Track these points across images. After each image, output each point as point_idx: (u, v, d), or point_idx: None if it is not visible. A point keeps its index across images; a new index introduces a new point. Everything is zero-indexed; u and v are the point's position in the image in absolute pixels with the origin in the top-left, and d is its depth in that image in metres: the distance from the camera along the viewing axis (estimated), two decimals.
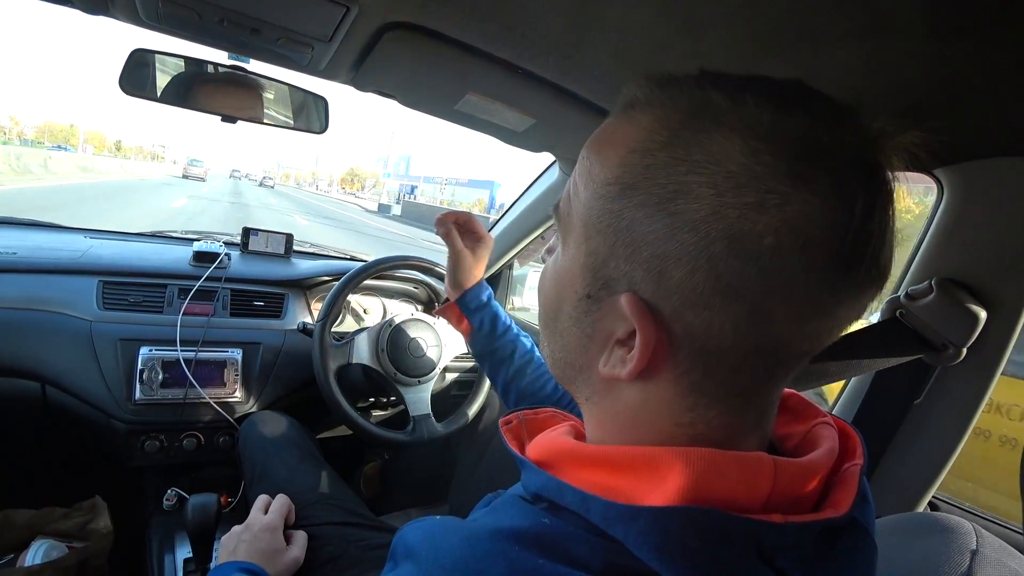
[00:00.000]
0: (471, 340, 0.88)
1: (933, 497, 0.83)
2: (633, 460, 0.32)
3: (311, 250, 1.72)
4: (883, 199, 0.29)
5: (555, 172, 1.27)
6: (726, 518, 0.28)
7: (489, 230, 1.57)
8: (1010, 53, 0.45)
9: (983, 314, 0.69)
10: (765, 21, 0.50)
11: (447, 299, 0.89)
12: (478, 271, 0.87)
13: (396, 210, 36.51)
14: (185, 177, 39.49)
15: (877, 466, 0.82)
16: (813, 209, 0.27)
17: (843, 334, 0.33)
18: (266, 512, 0.89)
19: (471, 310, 0.85)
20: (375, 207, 42.05)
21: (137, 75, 0.86)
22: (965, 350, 0.71)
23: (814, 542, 0.30)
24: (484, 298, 0.86)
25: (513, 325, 0.87)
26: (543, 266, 0.42)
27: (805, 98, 0.30)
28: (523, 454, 0.40)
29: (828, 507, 0.32)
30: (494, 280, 1.66)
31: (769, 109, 0.29)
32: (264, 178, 66.99)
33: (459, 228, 0.86)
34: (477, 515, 0.42)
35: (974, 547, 0.55)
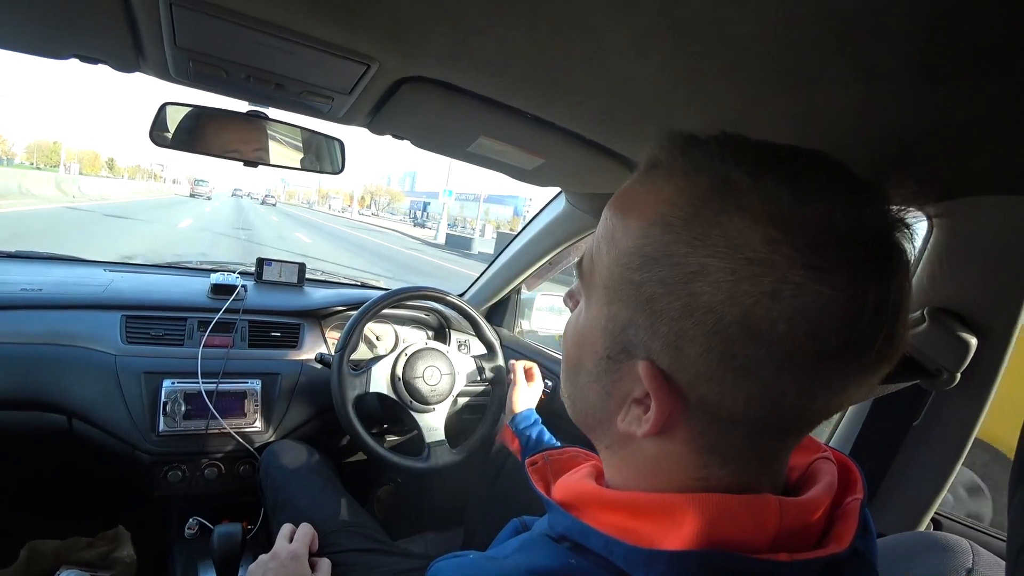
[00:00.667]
0: (521, 456, 1.04)
1: (936, 514, 0.86)
2: (651, 506, 0.34)
3: (323, 278, 1.76)
4: (898, 278, 0.30)
5: (561, 202, 1.31)
6: (737, 559, 0.30)
7: (500, 252, 1.62)
8: (994, 98, 0.48)
9: (974, 341, 0.72)
10: (761, 69, 0.53)
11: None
12: (532, 402, 1.17)
13: (482, 246, 23.74)
14: (192, 196, 40.79)
15: (880, 487, 0.85)
16: (826, 300, 0.28)
17: None
18: (291, 541, 0.92)
19: (520, 430, 1.08)
20: (434, 238, 28.21)
21: (164, 126, 0.91)
22: (959, 375, 0.74)
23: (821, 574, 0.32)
24: (532, 420, 1.10)
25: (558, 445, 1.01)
26: (568, 314, 0.44)
27: (825, 178, 0.31)
28: (548, 494, 0.42)
29: (831, 542, 0.33)
30: (502, 304, 1.70)
31: (788, 192, 0.30)
32: (266, 196, 67.34)
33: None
34: (506, 548, 0.44)
35: (970, 566, 0.58)
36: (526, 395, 1.16)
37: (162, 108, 0.88)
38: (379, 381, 1.21)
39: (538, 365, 1.48)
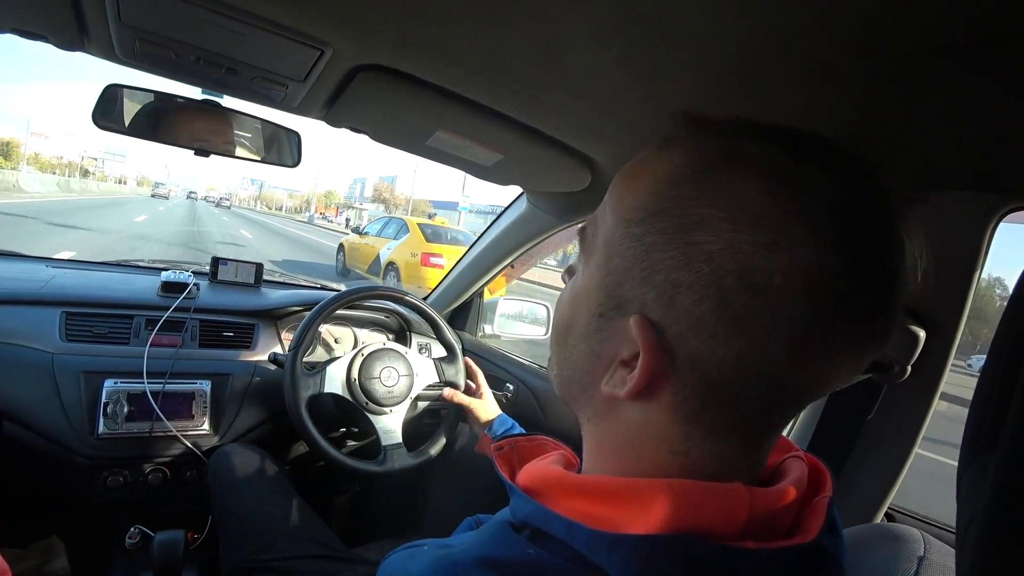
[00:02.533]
0: None
1: (889, 508, 0.87)
2: (619, 490, 0.33)
3: (281, 279, 1.71)
4: (891, 255, 0.31)
5: (523, 203, 1.31)
6: (704, 545, 0.29)
7: (461, 257, 1.61)
8: (943, 96, 0.50)
9: (922, 334, 0.74)
10: (715, 68, 0.54)
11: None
12: (493, 409, 1.18)
13: None
14: (153, 196, 46.15)
15: (836, 482, 0.86)
16: (822, 256, 0.29)
17: None
18: None
19: (499, 435, 1.09)
20: None
21: (110, 109, 0.87)
22: (909, 368, 0.76)
23: (787, 569, 0.32)
24: (509, 424, 1.12)
25: None
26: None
27: (825, 150, 0.32)
28: (513, 481, 0.41)
29: (798, 534, 0.33)
30: (464, 309, 1.69)
31: (791, 157, 0.31)
32: (221, 199, 66.15)
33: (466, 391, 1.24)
34: (463, 537, 0.42)
35: (922, 553, 0.58)
36: (484, 406, 1.18)
37: (107, 90, 0.85)
38: (334, 382, 1.18)
39: (500, 369, 1.47)
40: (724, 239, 0.30)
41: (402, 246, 8.53)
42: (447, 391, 1.23)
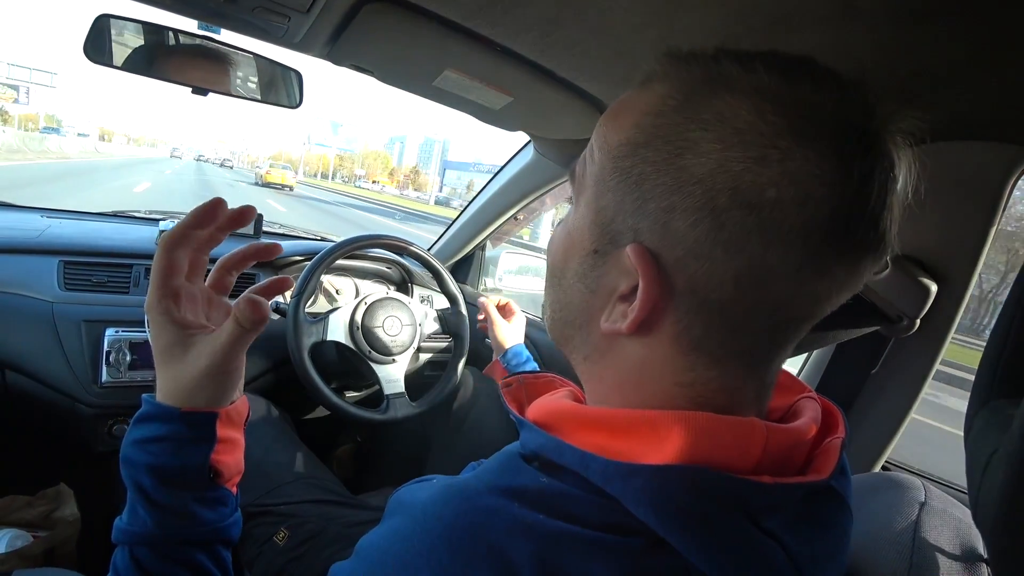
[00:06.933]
0: None
1: (887, 462, 0.88)
2: (633, 422, 0.33)
3: (281, 231, 1.69)
4: (883, 167, 0.30)
5: (530, 152, 1.28)
6: (718, 477, 0.29)
7: (461, 212, 1.58)
8: (963, 42, 0.48)
9: (933, 287, 0.73)
10: (737, 5, 0.52)
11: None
12: (518, 336, 1.14)
13: None
14: (171, 157, 56.52)
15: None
16: (813, 166, 0.29)
17: None
18: None
19: (512, 366, 1.08)
20: None
21: (102, 42, 0.82)
22: (918, 322, 0.76)
23: (798, 506, 0.32)
24: (524, 357, 1.09)
25: None
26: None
27: (812, 70, 0.31)
28: (523, 416, 0.41)
29: (811, 472, 0.33)
30: (466, 261, 1.67)
31: (777, 76, 0.30)
32: (224, 160, 66.66)
33: (498, 307, 1.16)
34: (474, 470, 0.42)
35: (923, 500, 0.59)
36: (509, 330, 1.13)
37: (98, 20, 0.80)
38: (337, 330, 1.17)
39: None
40: (714, 159, 0.29)
41: (264, 169, 35.91)
42: (481, 299, 1.18)
